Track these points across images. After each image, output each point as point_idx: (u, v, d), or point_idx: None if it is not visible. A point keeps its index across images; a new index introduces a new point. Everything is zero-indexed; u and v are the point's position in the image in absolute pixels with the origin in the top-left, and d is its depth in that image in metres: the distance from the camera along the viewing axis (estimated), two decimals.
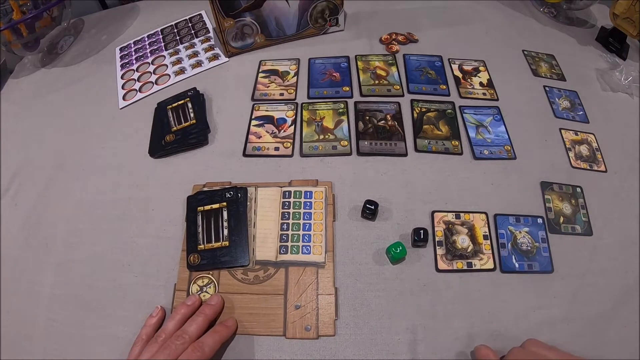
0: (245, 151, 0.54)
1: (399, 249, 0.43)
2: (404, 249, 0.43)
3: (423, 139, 0.54)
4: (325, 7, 0.65)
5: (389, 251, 0.44)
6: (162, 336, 0.37)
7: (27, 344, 0.43)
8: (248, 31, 0.65)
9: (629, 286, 0.43)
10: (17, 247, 0.49)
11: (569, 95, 0.60)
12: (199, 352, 0.35)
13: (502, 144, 0.54)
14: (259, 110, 0.59)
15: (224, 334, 0.38)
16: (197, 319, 0.38)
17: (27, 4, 0.67)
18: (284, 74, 0.64)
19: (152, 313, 0.41)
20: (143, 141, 0.57)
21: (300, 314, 0.41)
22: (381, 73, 0.62)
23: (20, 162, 0.58)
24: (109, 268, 0.46)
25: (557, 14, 0.74)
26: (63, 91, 0.68)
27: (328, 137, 0.55)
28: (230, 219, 0.47)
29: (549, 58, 0.66)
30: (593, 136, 0.55)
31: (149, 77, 0.67)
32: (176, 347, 0.35)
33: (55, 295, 0.45)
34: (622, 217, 0.48)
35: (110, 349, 0.41)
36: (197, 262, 0.45)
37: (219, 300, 0.41)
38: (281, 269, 0.44)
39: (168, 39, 0.74)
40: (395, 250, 0.43)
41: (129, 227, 0.49)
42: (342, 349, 0.39)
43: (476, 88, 0.60)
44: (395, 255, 0.43)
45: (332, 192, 0.49)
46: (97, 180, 0.54)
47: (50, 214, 0.52)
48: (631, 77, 0.60)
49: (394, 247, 0.43)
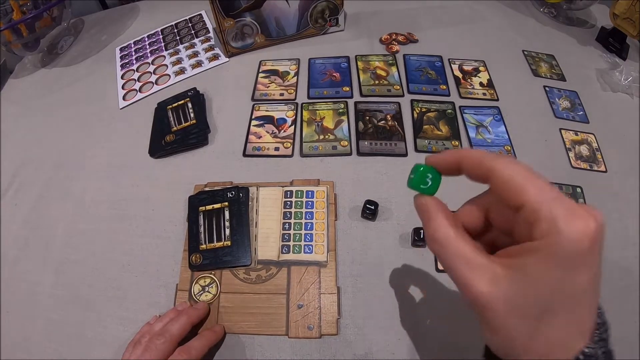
0: (245, 151, 0.54)
1: (428, 179, 0.28)
2: (436, 181, 0.28)
3: (423, 139, 0.54)
4: (325, 7, 0.65)
5: (415, 183, 0.29)
6: (146, 337, 0.37)
7: (27, 344, 0.43)
8: (248, 31, 0.65)
9: (629, 286, 0.43)
10: (17, 247, 0.49)
11: (569, 95, 0.60)
12: (185, 355, 0.35)
13: (502, 144, 0.54)
14: (259, 110, 0.59)
15: (211, 338, 0.38)
16: (180, 319, 0.38)
17: (27, 4, 0.67)
18: (284, 74, 0.64)
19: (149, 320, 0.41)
20: (143, 141, 0.57)
21: (303, 314, 0.41)
22: (381, 73, 0.63)
23: (20, 162, 0.58)
24: (109, 268, 0.46)
25: (557, 14, 0.74)
26: (63, 91, 0.68)
27: (328, 137, 0.55)
28: (232, 219, 0.47)
29: (549, 58, 0.66)
30: (593, 136, 0.55)
31: (149, 77, 0.67)
32: (156, 346, 0.35)
33: (55, 295, 0.45)
34: (622, 217, 0.48)
35: (110, 349, 0.41)
36: (199, 262, 0.45)
37: (205, 306, 0.42)
38: (283, 269, 0.44)
39: (168, 39, 0.74)
40: (423, 182, 0.29)
41: (129, 227, 0.49)
42: (343, 349, 0.39)
43: (476, 88, 0.60)
44: (425, 190, 0.29)
45: (334, 192, 0.49)
46: (97, 180, 0.54)
47: (50, 214, 0.52)
48: (631, 77, 0.61)
49: (420, 177, 0.28)
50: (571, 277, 0.20)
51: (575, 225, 0.19)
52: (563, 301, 0.20)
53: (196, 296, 0.43)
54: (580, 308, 0.21)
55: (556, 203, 0.20)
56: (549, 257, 0.20)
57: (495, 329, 0.22)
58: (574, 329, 0.21)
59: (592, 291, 0.21)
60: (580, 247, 0.19)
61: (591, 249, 0.19)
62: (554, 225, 0.19)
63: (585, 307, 0.21)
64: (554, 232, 0.19)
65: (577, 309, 0.21)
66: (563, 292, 0.20)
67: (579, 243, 0.19)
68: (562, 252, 0.19)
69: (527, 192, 0.21)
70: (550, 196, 0.21)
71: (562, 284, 0.20)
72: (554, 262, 0.20)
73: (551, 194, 0.21)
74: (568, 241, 0.19)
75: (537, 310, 0.21)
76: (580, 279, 0.20)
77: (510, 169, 0.23)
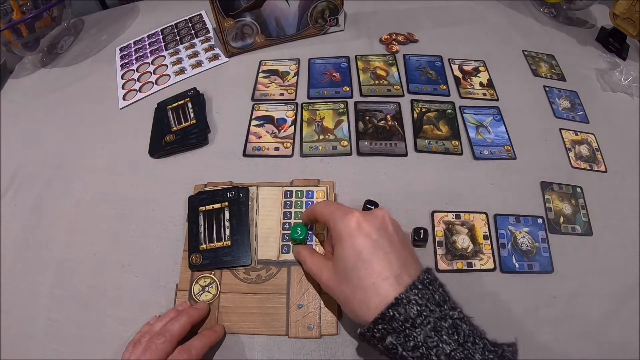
0: (245, 151, 0.54)
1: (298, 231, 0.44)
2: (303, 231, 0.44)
3: (423, 139, 0.54)
4: (325, 7, 0.65)
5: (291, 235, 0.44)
6: (146, 337, 0.37)
7: (27, 344, 0.43)
8: (248, 31, 0.65)
9: (629, 286, 0.43)
10: (17, 247, 0.49)
11: (569, 95, 0.60)
12: (185, 355, 0.35)
13: (502, 144, 0.54)
14: (259, 110, 0.59)
15: (212, 338, 0.38)
16: (180, 319, 0.38)
17: (27, 4, 0.67)
18: (284, 74, 0.64)
19: (149, 320, 0.41)
20: (143, 141, 0.57)
21: (303, 313, 0.41)
22: (381, 73, 0.63)
23: (20, 162, 0.58)
24: (109, 268, 0.46)
25: (557, 14, 0.74)
26: (63, 91, 0.68)
27: (328, 137, 0.55)
28: (232, 219, 0.47)
29: (549, 58, 0.66)
30: (593, 136, 0.55)
31: (149, 77, 0.67)
32: (156, 346, 0.35)
33: (55, 295, 0.45)
34: (622, 217, 0.48)
35: (110, 349, 0.41)
36: (199, 262, 0.45)
37: (205, 306, 0.42)
38: (283, 268, 0.44)
39: (168, 39, 0.74)
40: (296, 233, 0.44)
41: (129, 227, 0.49)
42: (344, 349, 0.39)
43: (476, 88, 0.60)
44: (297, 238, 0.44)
45: (334, 192, 0.49)
46: (97, 180, 0.54)
47: (50, 214, 0.52)
48: (631, 77, 0.61)
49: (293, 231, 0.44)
50: (353, 245, 0.33)
51: (344, 219, 0.35)
52: (356, 260, 0.33)
53: (196, 296, 0.43)
54: (372, 263, 0.32)
55: (336, 214, 0.36)
56: (338, 240, 0.35)
57: (337, 299, 0.35)
58: (377, 278, 0.31)
59: (375, 251, 0.33)
60: (349, 229, 0.34)
61: (359, 228, 0.34)
62: (336, 225, 0.35)
63: (376, 262, 0.32)
64: (337, 228, 0.35)
65: (370, 264, 0.32)
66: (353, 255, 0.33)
67: (348, 227, 0.34)
68: (342, 234, 0.34)
69: (323, 216, 0.38)
70: (334, 212, 0.36)
71: (349, 250, 0.33)
72: (340, 242, 0.34)
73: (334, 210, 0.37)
74: (342, 228, 0.34)
75: (345, 272, 0.33)
76: (358, 244, 0.33)
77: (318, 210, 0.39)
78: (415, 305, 0.29)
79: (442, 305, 0.30)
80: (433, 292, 0.31)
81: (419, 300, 0.30)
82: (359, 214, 0.35)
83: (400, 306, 0.29)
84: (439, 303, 0.30)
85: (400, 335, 0.29)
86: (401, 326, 0.29)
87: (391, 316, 0.29)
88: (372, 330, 0.30)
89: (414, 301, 0.29)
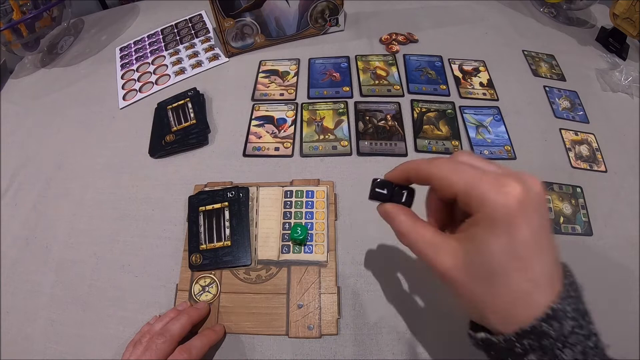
0: (245, 151, 0.54)
1: (298, 231, 0.43)
2: (304, 231, 0.43)
3: (423, 139, 0.54)
4: (325, 7, 0.65)
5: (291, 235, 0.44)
6: (146, 337, 0.37)
7: (27, 344, 0.42)
8: (248, 31, 0.65)
9: (629, 286, 0.43)
10: (17, 247, 0.49)
11: (569, 95, 0.60)
12: (185, 354, 0.35)
13: (502, 144, 0.54)
14: (259, 110, 0.59)
15: (212, 337, 0.38)
16: (181, 319, 0.38)
17: (27, 4, 0.67)
18: (284, 74, 0.64)
19: (150, 320, 0.41)
20: (143, 141, 0.57)
21: (303, 313, 0.41)
22: (381, 73, 0.63)
23: (20, 162, 0.58)
24: (109, 268, 0.46)
25: (557, 14, 0.74)
26: (63, 91, 0.68)
27: (328, 137, 0.55)
28: (232, 219, 0.47)
29: (549, 58, 0.66)
30: (593, 136, 0.55)
31: (149, 77, 0.67)
32: (157, 346, 0.35)
33: (55, 295, 0.45)
34: (622, 217, 0.48)
35: (110, 349, 0.41)
36: (199, 262, 0.45)
37: (205, 306, 0.42)
38: (283, 268, 0.44)
39: (168, 39, 0.74)
40: (296, 232, 0.43)
41: (129, 227, 0.49)
42: (344, 349, 0.39)
43: (476, 88, 0.60)
44: (297, 238, 0.43)
45: (334, 192, 0.49)
46: (97, 180, 0.54)
47: (50, 214, 0.52)
48: (631, 77, 0.61)
49: (293, 231, 0.44)
50: (510, 236, 0.23)
51: (500, 193, 0.23)
52: (510, 259, 0.23)
53: (196, 296, 0.43)
54: (530, 263, 0.23)
55: (482, 181, 0.24)
56: (486, 223, 0.23)
57: (462, 296, 0.25)
58: (530, 284, 0.23)
59: (537, 246, 0.23)
60: (509, 209, 0.23)
61: (521, 208, 0.23)
62: (484, 199, 0.23)
63: (536, 261, 0.23)
64: (485, 205, 0.23)
65: (528, 264, 0.23)
66: (508, 251, 0.23)
67: (506, 206, 0.23)
68: (495, 217, 0.23)
69: (455, 184, 0.25)
70: (477, 177, 0.24)
71: (503, 243, 0.23)
72: (490, 227, 0.23)
73: (477, 175, 0.24)
74: (497, 206, 0.23)
75: (490, 271, 0.24)
76: (520, 235, 0.23)
77: (438, 169, 0.27)
78: (570, 321, 0.23)
79: (584, 316, 0.24)
80: (577, 298, 0.24)
81: (572, 313, 0.23)
82: (515, 182, 0.23)
83: (556, 320, 0.23)
84: (583, 314, 0.24)
85: (546, 354, 0.23)
86: (551, 345, 0.22)
87: (543, 332, 0.22)
88: (514, 344, 0.23)
89: (569, 314, 0.23)
